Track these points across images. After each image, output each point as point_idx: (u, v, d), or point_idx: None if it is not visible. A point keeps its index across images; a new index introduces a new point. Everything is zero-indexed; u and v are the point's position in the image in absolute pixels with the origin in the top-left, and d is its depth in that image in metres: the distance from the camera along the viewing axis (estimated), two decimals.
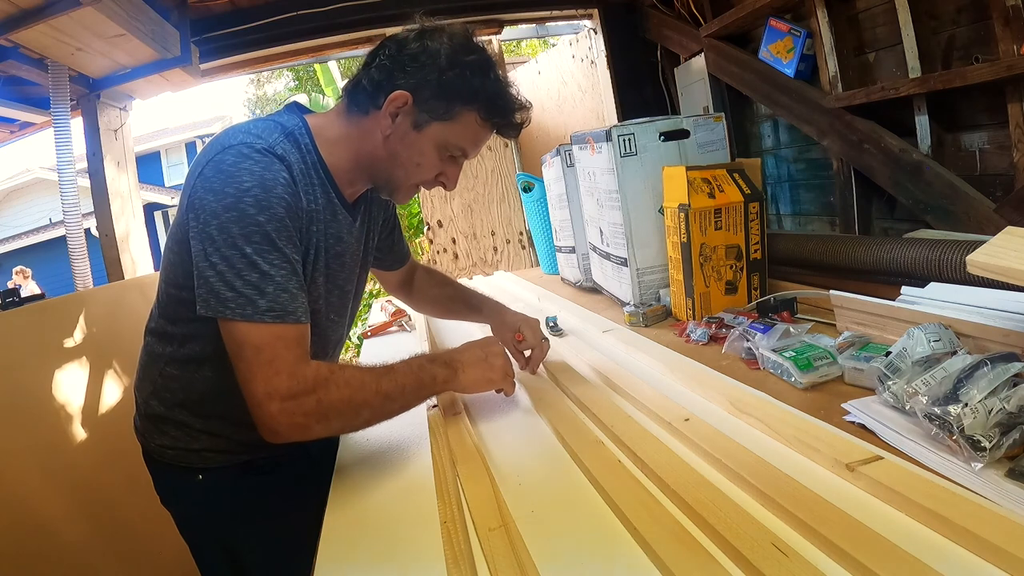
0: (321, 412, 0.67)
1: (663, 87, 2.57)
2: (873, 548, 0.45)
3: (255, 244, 0.67)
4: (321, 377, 0.68)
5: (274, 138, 0.73)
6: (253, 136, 0.71)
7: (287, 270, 0.69)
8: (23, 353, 1.49)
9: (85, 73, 2.06)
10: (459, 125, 0.78)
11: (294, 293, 0.69)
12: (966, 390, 0.58)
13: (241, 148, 0.70)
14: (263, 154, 0.70)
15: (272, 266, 0.67)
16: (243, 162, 0.69)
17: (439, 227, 3.01)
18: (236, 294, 0.66)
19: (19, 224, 9.97)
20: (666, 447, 0.67)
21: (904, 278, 1.03)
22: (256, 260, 0.66)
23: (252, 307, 0.66)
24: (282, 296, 0.67)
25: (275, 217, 0.68)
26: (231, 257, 0.66)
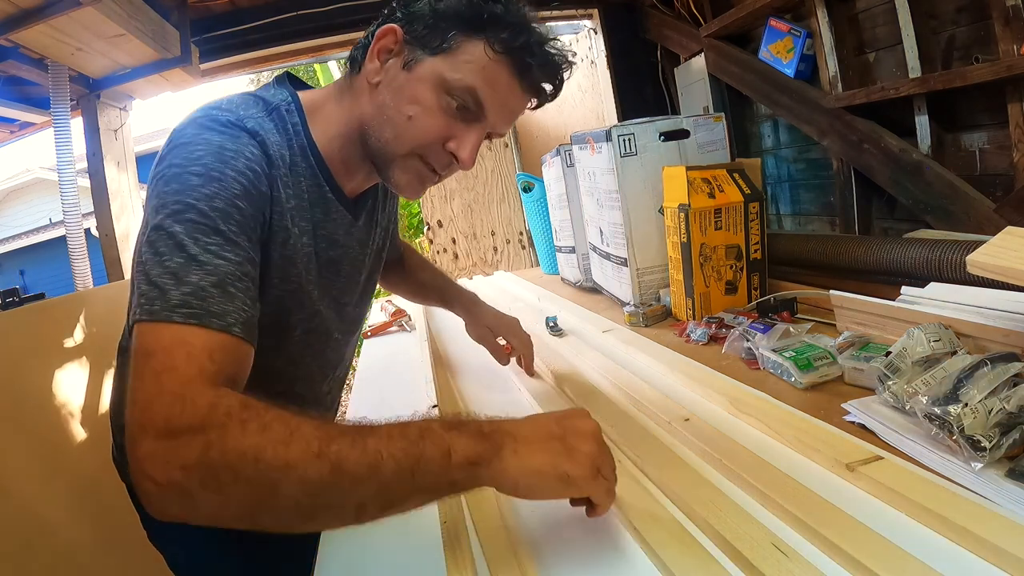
0: (208, 467, 0.41)
1: (663, 87, 2.57)
2: (873, 548, 0.45)
3: (188, 222, 0.50)
4: (222, 410, 0.43)
5: (249, 112, 0.59)
6: (221, 109, 0.58)
7: (228, 262, 0.50)
8: (23, 353, 1.49)
9: (85, 73, 2.06)
10: (462, 56, 0.59)
11: (231, 293, 0.50)
12: (966, 390, 0.58)
13: (203, 120, 0.56)
14: (228, 126, 0.56)
15: (206, 251, 0.49)
16: (202, 133, 0.55)
17: (439, 227, 3.01)
18: (149, 287, 0.48)
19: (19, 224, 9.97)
20: (666, 447, 0.67)
21: (904, 278, 1.02)
22: (184, 241, 0.49)
23: (161, 300, 0.47)
24: (209, 292, 0.48)
25: (225, 193, 0.52)
26: (156, 242, 0.50)
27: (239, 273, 0.51)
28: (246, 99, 0.61)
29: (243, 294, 0.51)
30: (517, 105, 0.64)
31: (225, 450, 0.41)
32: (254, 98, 0.61)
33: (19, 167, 9.95)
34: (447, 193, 2.98)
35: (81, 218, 2.04)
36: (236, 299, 0.50)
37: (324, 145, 0.65)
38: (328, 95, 0.66)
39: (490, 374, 1.03)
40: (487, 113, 0.62)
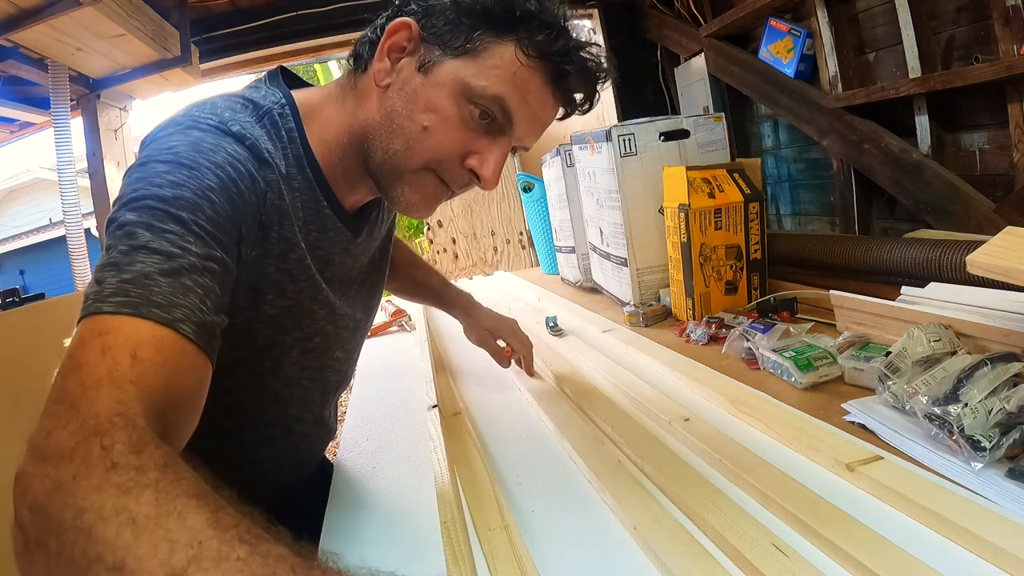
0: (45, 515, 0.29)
1: (663, 87, 2.57)
2: (873, 548, 0.45)
3: (143, 208, 0.41)
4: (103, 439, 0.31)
5: (235, 117, 0.51)
6: (204, 112, 0.50)
7: (187, 252, 0.41)
8: (23, 353, 1.49)
9: (85, 73, 2.06)
10: (490, 60, 0.51)
11: (186, 286, 0.40)
12: (966, 390, 0.58)
13: (184, 121, 0.49)
14: (212, 130, 0.49)
15: (161, 238, 0.40)
16: (177, 133, 0.48)
17: (439, 227, 3.01)
18: (92, 284, 0.41)
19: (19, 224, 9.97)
20: (666, 447, 0.67)
21: (904, 278, 1.03)
22: (135, 230, 0.40)
23: (96, 294, 0.39)
24: (155, 280, 0.39)
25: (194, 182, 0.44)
26: (108, 238, 0.42)
27: (200, 267, 0.41)
28: (232, 102, 0.53)
29: (202, 291, 0.41)
30: (548, 116, 0.57)
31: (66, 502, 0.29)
32: (242, 101, 0.54)
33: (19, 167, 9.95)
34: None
35: (81, 218, 2.04)
36: (192, 294, 0.40)
37: (323, 154, 0.57)
38: (328, 96, 0.59)
39: (490, 374, 1.03)
40: (515, 126, 0.54)
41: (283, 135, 0.54)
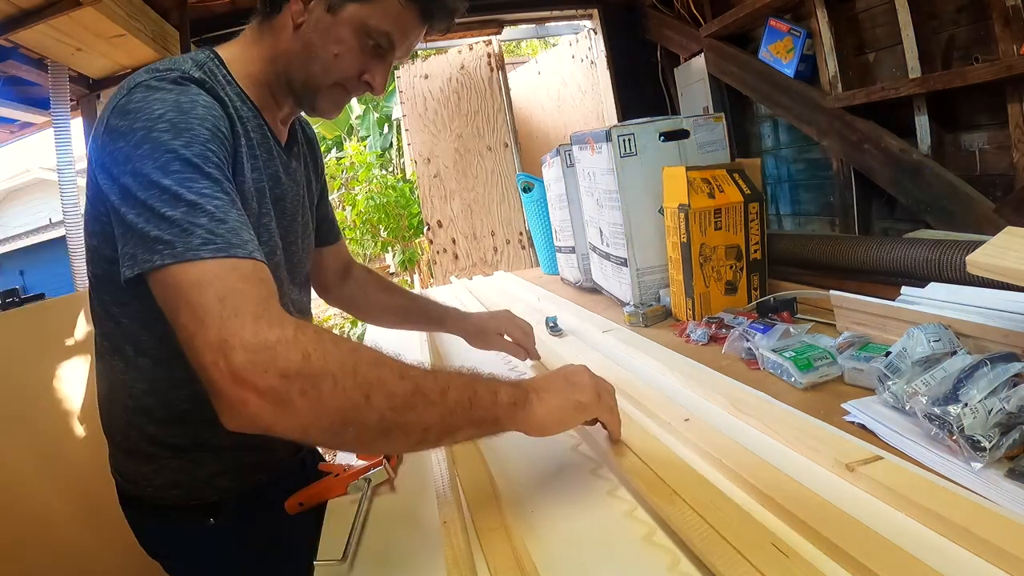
0: (311, 378, 0.45)
1: (663, 87, 2.57)
2: (873, 548, 0.45)
3: (175, 174, 0.52)
4: (311, 328, 0.49)
5: (187, 67, 0.62)
6: (162, 72, 0.60)
7: (222, 200, 0.53)
8: (23, 353, 1.49)
9: (85, 73, 2.06)
10: (380, 5, 0.67)
11: (235, 227, 0.52)
12: (966, 390, 0.58)
13: (148, 82, 0.58)
14: (176, 82, 0.59)
15: (200, 196, 0.52)
16: (152, 94, 0.57)
17: (439, 227, 3.01)
18: (160, 234, 0.50)
19: (19, 224, 9.97)
20: (666, 447, 0.67)
21: (904, 278, 1.03)
22: (179, 191, 0.51)
23: (184, 243, 0.49)
24: (220, 228, 0.51)
25: (197, 139, 0.55)
26: (149, 199, 0.51)
27: (233, 208, 0.54)
28: (176, 59, 0.64)
29: (247, 227, 0.54)
30: (417, 40, 0.73)
31: (327, 359, 0.46)
32: (182, 58, 0.65)
33: (19, 167, 9.94)
34: (447, 193, 2.98)
35: (81, 218, 2.03)
36: (243, 231, 0.53)
37: (252, 87, 0.70)
38: (245, 42, 0.72)
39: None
40: (396, 50, 0.71)
41: (220, 79, 0.66)
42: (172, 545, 0.76)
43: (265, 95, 0.71)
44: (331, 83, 0.71)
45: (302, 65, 0.69)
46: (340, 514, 0.65)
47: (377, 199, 4.06)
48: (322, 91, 0.71)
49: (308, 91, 0.71)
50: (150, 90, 0.57)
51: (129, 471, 0.74)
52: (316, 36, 0.67)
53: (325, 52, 0.68)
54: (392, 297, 1.05)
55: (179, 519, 0.73)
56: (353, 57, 0.69)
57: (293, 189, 0.76)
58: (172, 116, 0.55)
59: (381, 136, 5.80)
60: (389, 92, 5.63)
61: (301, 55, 0.69)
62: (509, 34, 2.91)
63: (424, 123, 2.98)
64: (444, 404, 0.51)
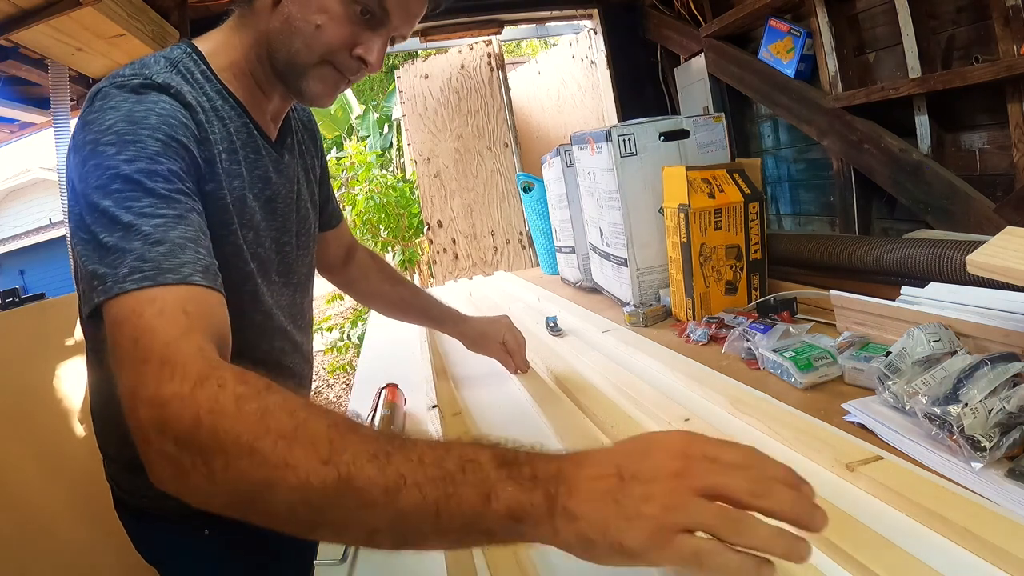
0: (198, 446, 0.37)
1: (663, 87, 2.57)
2: (873, 548, 0.45)
3: (116, 194, 0.48)
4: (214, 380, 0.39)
5: (154, 70, 0.57)
6: (125, 75, 0.56)
7: (164, 217, 0.48)
8: (23, 353, 1.49)
9: (85, 73, 2.05)
10: None
11: (174, 246, 0.47)
12: (966, 390, 0.58)
13: (108, 90, 0.54)
14: (135, 91, 0.54)
15: (140, 216, 0.47)
16: (108, 102, 0.53)
17: (439, 227, 3.01)
18: (96, 266, 0.46)
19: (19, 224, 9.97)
20: None
21: (904, 278, 1.03)
22: (116, 213, 0.47)
23: (113, 275, 0.45)
24: (152, 252, 0.46)
25: (143, 153, 0.50)
26: (92, 224, 0.48)
27: (182, 227, 0.49)
28: (147, 60, 0.60)
29: (193, 244, 0.49)
30: (418, 8, 0.65)
31: (216, 430, 0.37)
32: (155, 57, 0.60)
33: (19, 167, 9.94)
34: (447, 193, 2.98)
35: None
36: (187, 251, 0.48)
37: (236, 79, 0.65)
38: (226, 31, 0.66)
39: (490, 375, 1.03)
40: (392, 18, 0.62)
41: (198, 76, 0.61)
42: (168, 553, 0.74)
43: (250, 87, 0.66)
44: (316, 60, 0.63)
45: (284, 43, 0.62)
46: None
47: (377, 199, 4.06)
48: (309, 71, 0.63)
49: (293, 72, 0.63)
50: (107, 98, 0.53)
51: (124, 481, 0.73)
52: (296, 8, 0.60)
53: (306, 24, 0.60)
54: (394, 288, 1.03)
55: (175, 528, 0.70)
56: (338, 28, 0.61)
57: (286, 187, 0.72)
58: (120, 127, 0.51)
59: (381, 136, 5.80)
60: (389, 92, 5.64)
61: (282, 32, 0.61)
62: (509, 34, 2.91)
63: (424, 123, 2.99)
64: (393, 507, 0.35)
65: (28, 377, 1.49)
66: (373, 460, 0.36)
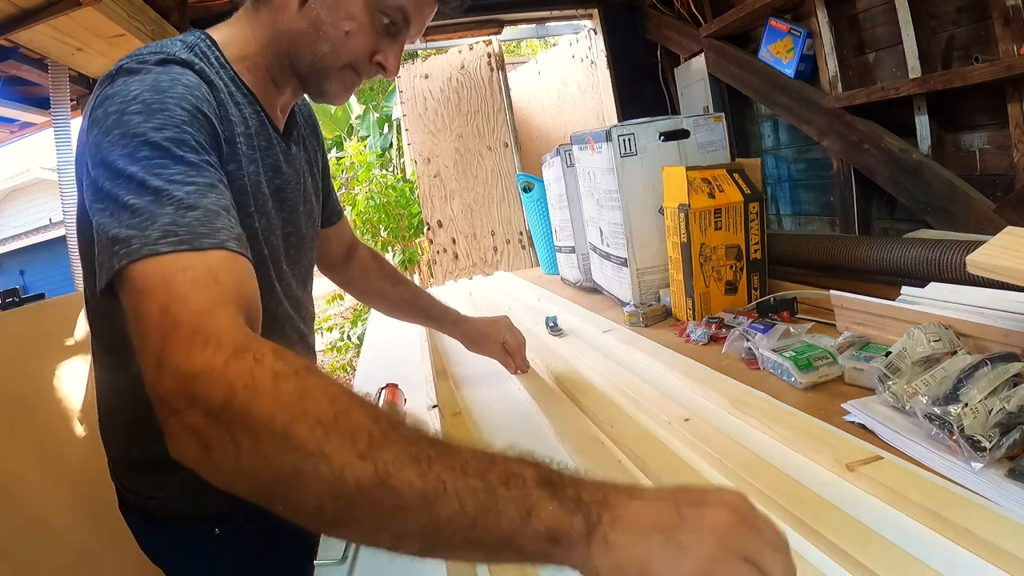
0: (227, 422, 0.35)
1: (663, 87, 2.57)
2: (873, 548, 0.45)
3: (143, 160, 0.46)
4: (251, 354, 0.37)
5: (173, 49, 0.57)
6: (146, 55, 0.55)
7: (196, 185, 0.47)
8: (23, 353, 1.49)
9: (85, 73, 2.06)
10: None
11: (209, 212, 0.46)
12: (966, 390, 0.58)
13: (129, 65, 0.53)
14: (159, 63, 0.54)
15: (169, 182, 0.46)
16: (132, 77, 0.52)
17: (439, 227, 3.01)
18: (119, 230, 0.44)
19: (19, 224, 9.97)
20: (666, 447, 0.67)
21: (904, 278, 1.03)
22: (145, 178, 0.45)
23: (141, 239, 0.43)
24: (187, 217, 0.44)
25: (171, 121, 0.49)
26: (114, 189, 0.46)
27: (215, 195, 0.48)
28: (163, 42, 0.59)
29: (225, 212, 0.48)
30: (430, 15, 0.68)
31: (249, 408, 0.35)
32: (171, 40, 0.60)
33: (19, 167, 9.94)
34: (447, 193, 2.98)
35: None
36: (220, 217, 0.46)
37: (248, 70, 0.65)
38: (239, 23, 0.66)
39: (490, 375, 1.03)
40: (411, 27, 0.65)
41: (213, 62, 0.61)
42: (175, 554, 0.74)
43: (263, 80, 0.66)
44: (342, 64, 0.65)
45: (309, 45, 0.63)
46: None
47: (377, 199, 4.06)
48: (332, 73, 0.65)
49: (317, 74, 0.65)
50: (130, 73, 0.52)
51: (130, 482, 0.72)
52: (325, 13, 0.61)
53: (335, 30, 0.62)
54: (395, 288, 1.03)
55: (181, 530, 0.70)
56: (365, 35, 0.63)
57: (294, 178, 0.72)
58: (146, 96, 0.50)
59: (381, 136, 5.80)
60: (389, 92, 5.64)
61: (308, 34, 0.62)
62: (509, 34, 2.91)
63: (424, 123, 2.99)
64: (428, 514, 0.33)
65: (28, 377, 1.49)
66: (414, 463, 0.34)
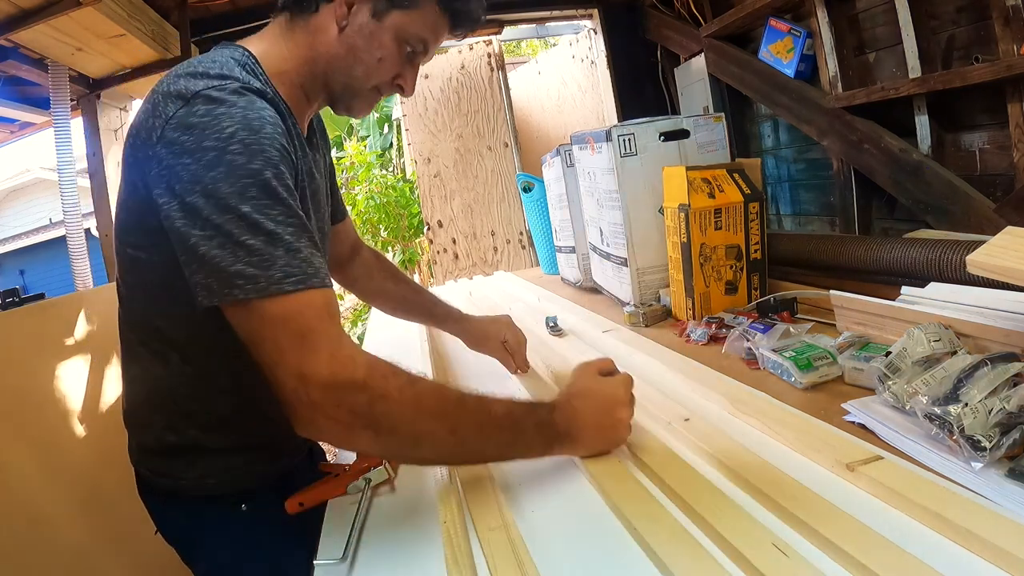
0: (372, 420, 0.54)
1: (663, 87, 2.58)
2: (873, 548, 0.45)
3: (252, 200, 0.54)
4: (379, 372, 0.55)
5: (234, 72, 0.61)
6: (216, 78, 0.59)
7: (295, 226, 0.56)
8: (23, 353, 1.49)
9: (85, 73, 2.06)
10: (419, 13, 0.70)
11: (308, 254, 0.56)
12: (966, 390, 0.58)
13: (209, 92, 0.57)
14: (239, 93, 0.58)
15: (278, 224, 0.54)
16: (218, 108, 0.56)
17: (439, 227, 3.01)
18: (243, 266, 0.53)
19: (19, 224, 9.96)
20: (666, 447, 0.67)
21: (904, 278, 1.03)
22: (258, 220, 0.53)
23: (265, 278, 0.53)
24: (296, 259, 0.54)
25: (270, 162, 0.56)
26: (225, 224, 0.53)
27: (304, 233, 0.57)
28: (221, 60, 0.63)
29: (317, 252, 0.58)
30: (442, 42, 0.77)
31: (389, 410, 0.54)
32: (225, 57, 0.64)
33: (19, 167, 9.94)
34: (447, 193, 2.98)
35: (81, 218, 2.03)
36: (315, 257, 0.57)
37: (284, 84, 0.69)
38: (274, 39, 0.71)
39: (490, 375, 1.03)
40: (429, 51, 0.75)
41: (259, 78, 0.65)
42: (194, 531, 0.76)
43: (297, 94, 0.72)
44: (370, 86, 0.74)
45: (345, 68, 0.71)
46: (340, 514, 0.65)
47: (377, 199, 4.06)
48: (362, 93, 0.74)
49: (348, 93, 0.73)
50: (214, 103, 0.56)
51: (160, 466, 0.75)
52: (361, 40, 0.69)
53: (369, 56, 0.70)
54: (397, 287, 1.06)
55: (207, 507, 0.74)
56: (392, 62, 0.72)
57: (320, 182, 0.78)
58: (244, 136, 0.55)
59: (381, 136, 5.80)
60: None
61: (344, 58, 0.70)
62: (509, 34, 2.91)
63: (424, 123, 2.99)
64: (483, 455, 0.63)
65: (28, 377, 1.49)
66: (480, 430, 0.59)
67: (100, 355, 1.68)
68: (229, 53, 0.65)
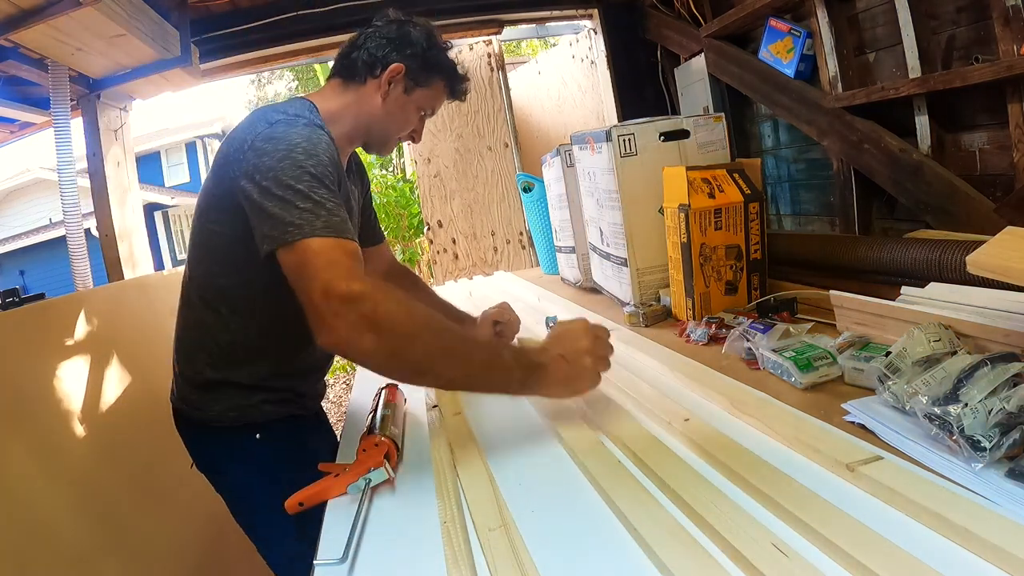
0: (375, 322, 0.68)
1: (663, 87, 2.57)
2: (873, 548, 0.45)
3: (306, 182, 0.76)
4: (380, 288, 0.71)
5: (308, 115, 0.88)
6: (292, 115, 0.85)
7: (334, 203, 0.77)
8: (23, 353, 1.49)
9: (85, 73, 2.06)
10: (432, 91, 1.03)
11: (343, 218, 0.77)
12: (966, 390, 0.58)
13: (288, 120, 0.84)
14: (307, 125, 0.84)
15: (322, 198, 0.76)
16: (292, 128, 0.82)
17: (439, 227, 3.01)
18: (295, 219, 0.74)
19: (19, 224, 9.97)
20: (666, 447, 0.67)
21: (904, 278, 1.03)
22: (309, 193, 0.76)
23: (310, 226, 0.73)
24: (333, 219, 0.75)
25: (321, 163, 0.79)
26: (285, 194, 0.75)
27: (342, 211, 0.78)
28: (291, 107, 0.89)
29: (348, 220, 0.78)
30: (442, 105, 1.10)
31: (388, 312, 0.69)
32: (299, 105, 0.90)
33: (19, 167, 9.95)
34: (447, 193, 2.98)
35: (81, 218, 2.04)
36: (347, 223, 0.78)
37: (333, 131, 0.90)
38: (331, 96, 0.99)
39: None
40: (433, 114, 1.09)
41: (319, 120, 0.89)
42: (221, 456, 1.00)
43: (344, 137, 0.98)
44: (396, 138, 1.06)
45: (384, 127, 1.02)
46: (340, 514, 0.65)
47: (377, 199, 4.06)
48: (391, 142, 1.06)
49: (381, 141, 1.05)
50: (289, 125, 0.82)
51: (194, 399, 0.99)
52: (396, 108, 1.00)
53: (401, 119, 1.02)
54: (417, 295, 1.22)
55: (230, 437, 0.97)
56: (412, 122, 1.05)
57: (352, 205, 1.02)
58: (305, 146, 0.80)
59: None
60: None
61: (384, 119, 1.00)
62: (509, 34, 2.91)
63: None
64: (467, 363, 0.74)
65: (28, 377, 1.49)
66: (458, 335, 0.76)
67: (100, 355, 1.68)
68: (300, 103, 0.92)
